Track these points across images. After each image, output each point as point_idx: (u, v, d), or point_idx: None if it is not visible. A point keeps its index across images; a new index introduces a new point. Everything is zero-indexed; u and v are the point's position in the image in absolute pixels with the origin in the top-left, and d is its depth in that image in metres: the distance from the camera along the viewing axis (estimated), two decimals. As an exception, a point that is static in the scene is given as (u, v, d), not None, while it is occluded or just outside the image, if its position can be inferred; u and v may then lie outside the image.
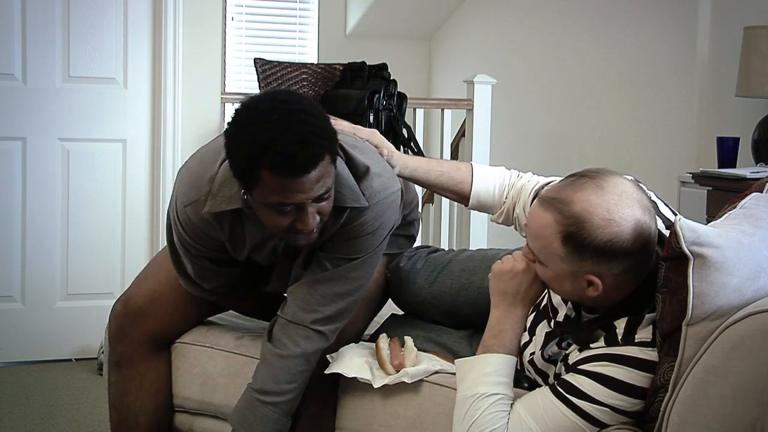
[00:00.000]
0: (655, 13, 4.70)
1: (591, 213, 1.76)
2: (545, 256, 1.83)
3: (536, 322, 2.06)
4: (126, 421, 2.37)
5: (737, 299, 1.72)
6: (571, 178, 1.84)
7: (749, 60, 3.85)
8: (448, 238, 4.73)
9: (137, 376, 2.35)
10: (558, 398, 1.83)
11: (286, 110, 1.88)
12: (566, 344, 1.93)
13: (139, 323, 2.35)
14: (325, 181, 1.92)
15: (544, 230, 1.81)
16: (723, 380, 1.68)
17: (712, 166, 3.99)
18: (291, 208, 1.92)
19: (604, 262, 1.77)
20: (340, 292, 2.13)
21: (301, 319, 2.13)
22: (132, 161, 4.15)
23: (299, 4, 6.31)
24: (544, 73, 5.49)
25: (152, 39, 4.11)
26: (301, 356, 2.12)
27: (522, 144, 5.61)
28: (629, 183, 1.82)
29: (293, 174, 1.86)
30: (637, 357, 1.81)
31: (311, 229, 1.96)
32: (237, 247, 2.16)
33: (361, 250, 2.12)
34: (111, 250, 4.15)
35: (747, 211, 1.90)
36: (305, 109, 1.91)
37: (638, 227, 1.77)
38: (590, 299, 1.85)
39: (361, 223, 2.08)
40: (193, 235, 2.16)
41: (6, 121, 4.00)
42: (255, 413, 2.13)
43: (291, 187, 1.88)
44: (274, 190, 1.89)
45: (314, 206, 1.94)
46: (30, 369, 3.99)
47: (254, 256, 2.20)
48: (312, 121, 1.89)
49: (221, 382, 2.36)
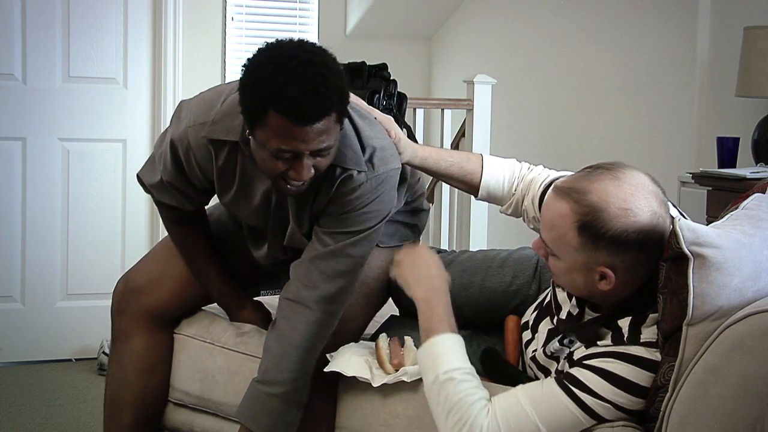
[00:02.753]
0: (655, 13, 4.70)
1: (607, 202, 1.76)
2: (559, 247, 1.83)
3: (539, 319, 2.07)
4: (114, 396, 2.38)
5: (738, 299, 1.72)
6: (587, 170, 1.84)
7: (749, 60, 3.85)
8: (448, 238, 4.73)
9: (129, 351, 2.36)
10: (561, 388, 1.83)
11: (307, 60, 1.89)
12: (569, 341, 1.93)
13: (137, 300, 2.38)
14: (328, 138, 1.93)
15: (560, 220, 1.80)
16: (723, 380, 1.68)
17: (712, 166, 3.99)
18: (289, 156, 1.93)
19: (619, 253, 1.77)
20: (340, 270, 2.13)
21: (304, 298, 2.13)
22: (132, 161, 4.15)
23: (299, 4, 6.31)
24: (544, 73, 5.49)
25: (152, 39, 4.11)
26: (303, 343, 2.12)
27: (522, 144, 5.60)
28: (646, 176, 1.82)
29: (298, 122, 1.88)
30: (644, 357, 1.81)
31: (303, 180, 1.97)
32: (223, 185, 2.17)
33: (358, 225, 2.11)
34: (111, 250, 4.16)
35: (748, 212, 1.90)
36: (326, 63, 1.92)
37: (655, 219, 1.77)
38: (601, 294, 1.84)
39: (359, 195, 2.08)
40: (183, 160, 2.16)
41: (6, 121, 4.00)
42: (263, 406, 2.12)
43: (293, 134, 1.89)
44: (276, 134, 1.90)
45: (311, 159, 1.95)
46: (30, 369, 4.00)
47: (238, 208, 2.21)
48: (329, 76, 1.90)
49: (221, 379, 2.36)
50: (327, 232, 2.13)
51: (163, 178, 2.23)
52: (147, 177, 2.30)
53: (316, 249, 2.13)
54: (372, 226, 2.13)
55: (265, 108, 1.88)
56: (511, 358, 2.12)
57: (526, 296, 2.24)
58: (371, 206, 2.11)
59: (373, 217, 2.12)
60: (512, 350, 2.13)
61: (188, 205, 2.29)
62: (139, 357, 2.36)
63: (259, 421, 2.12)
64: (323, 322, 2.15)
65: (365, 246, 2.16)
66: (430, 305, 1.98)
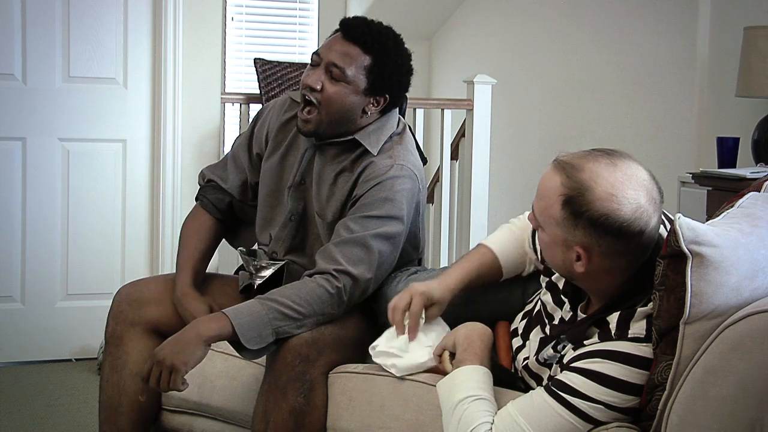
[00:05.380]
0: (655, 13, 4.70)
1: (596, 183, 1.77)
2: (544, 218, 1.85)
3: (529, 328, 2.07)
4: (110, 400, 2.38)
5: (735, 298, 1.72)
6: (591, 150, 1.86)
7: (749, 60, 3.85)
8: (448, 238, 4.73)
9: (123, 355, 2.37)
10: (551, 396, 1.83)
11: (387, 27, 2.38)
12: (562, 347, 1.93)
13: (138, 309, 2.39)
14: (348, 63, 2.29)
15: (549, 191, 1.83)
16: (722, 380, 1.68)
17: (712, 166, 3.99)
18: (314, 61, 2.31)
19: (596, 235, 1.78)
20: (362, 257, 2.24)
21: (324, 268, 2.23)
22: (132, 161, 4.15)
23: (299, 4, 6.31)
24: (544, 73, 5.49)
25: (152, 39, 4.11)
26: (315, 290, 2.19)
27: (522, 144, 5.61)
28: (645, 171, 1.83)
29: (340, 33, 2.31)
30: (630, 353, 1.80)
31: (307, 84, 2.29)
32: (277, 140, 2.44)
33: (378, 209, 2.26)
34: (111, 250, 4.15)
35: (745, 210, 1.90)
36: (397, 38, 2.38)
37: (638, 212, 1.77)
38: (577, 276, 1.85)
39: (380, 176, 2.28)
40: (261, 117, 2.50)
41: (6, 121, 4.00)
42: (249, 306, 2.16)
43: (328, 42, 2.33)
44: (323, 42, 2.35)
45: (323, 75, 2.29)
46: (30, 369, 3.99)
47: (273, 176, 2.43)
48: (394, 40, 2.36)
49: (219, 384, 2.36)
50: (351, 218, 2.26)
51: (230, 151, 2.54)
52: (209, 167, 2.59)
53: (340, 235, 2.26)
54: (392, 215, 2.25)
55: (336, 29, 2.34)
56: (504, 363, 2.13)
57: (513, 304, 2.24)
58: (392, 192, 2.26)
59: (392, 206, 2.26)
60: (505, 355, 2.14)
61: (229, 181, 2.50)
62: (133, 362, 2.36)
63: (240, 316, 2.14)
64: (338, 293, 2.21)
65: (386, 245, 2.26)
66: (469, 338, 2.03)
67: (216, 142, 4.20)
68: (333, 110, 2.31)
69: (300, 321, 2.18)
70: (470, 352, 2.00)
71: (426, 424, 2.06)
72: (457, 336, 2.06)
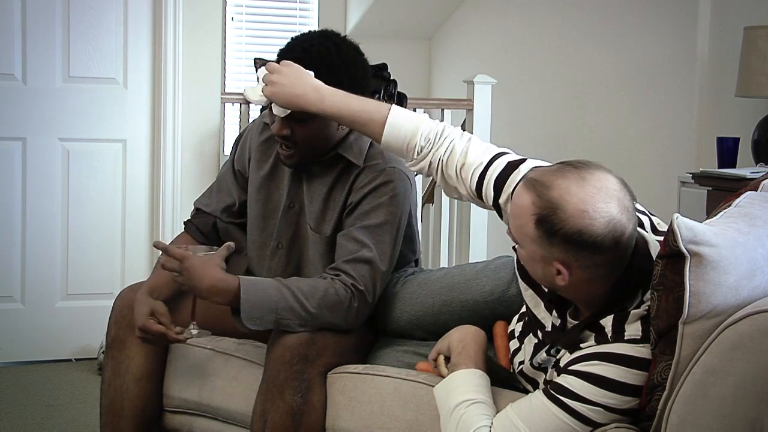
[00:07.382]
0: (655, 13, 4.70)
1: (567, 201, 1.77)
2: (520, 236, 1.85)
3: (524, 333, 2.07)
4: (113, 404, 2.37)
5: (733, 298, 1.72)
6: (559, 164, 1.85)
7: (749, 60, 3.85)
8: (448, 238, 4.73)
9: (125, 359, 2.37)
10: (550, 400, 1.83)
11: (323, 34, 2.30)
12: (555, 350, 1.93)
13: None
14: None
15: (522, 210, 1.82)
16: (722, 380, 1.68)
17: (712, 166, 3.99)
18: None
19: (572, 251, 1.78)
20: (365, 257, 2.26)
21: (349, 282, 2.25)
22: (132, 161, 4.15)
23: (299, 4, 6.32)
24: (544, 73, 5.49)
25: (152, 39, 4.11)
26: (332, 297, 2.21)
27: (522, 144, 5.59)
28: (614, 180, 1.81)
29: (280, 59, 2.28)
30: (628, 354, 1.80)
31: (277, 134, 2.26)
32: (260, 161, 2.43)
33: (377, 216, 2.28)
34: (111, 250, 4.16)
35: (742, 210, 1.90)
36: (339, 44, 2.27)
37: (611, 224, 1.76)
38: (560, 288, 1.86)
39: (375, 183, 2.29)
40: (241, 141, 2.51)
41: (6, 121, 4.00)
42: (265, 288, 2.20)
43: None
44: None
45: (287, 121, 2.23)
46: (30, 369, 4.00)
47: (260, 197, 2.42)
48: (332, 51, 2.24)
49: (220, 384, 2.36)
50: (355, 228, 2.28)
51: (217, 179, 2.56)
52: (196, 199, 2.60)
53: (353, 250, 2.27)
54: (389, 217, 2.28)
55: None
56: (503, 363, 2.13)
57: (511, 303, 2.24)
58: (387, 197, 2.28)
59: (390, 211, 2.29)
60: (504, 355, 2.14)
61: (213, 205, 2.51)
62: (136, 365, 2.36)
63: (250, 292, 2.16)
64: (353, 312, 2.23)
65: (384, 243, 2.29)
66: (463, 342, 2.05)
67: (216, 142, 4.20)
68: (311, 144, 2.30)
69: (306, 321, 2.19)
70: (465, 356, 2.00)
71: (425, 424, 2.06)
72: (451, 340, 2.07)
